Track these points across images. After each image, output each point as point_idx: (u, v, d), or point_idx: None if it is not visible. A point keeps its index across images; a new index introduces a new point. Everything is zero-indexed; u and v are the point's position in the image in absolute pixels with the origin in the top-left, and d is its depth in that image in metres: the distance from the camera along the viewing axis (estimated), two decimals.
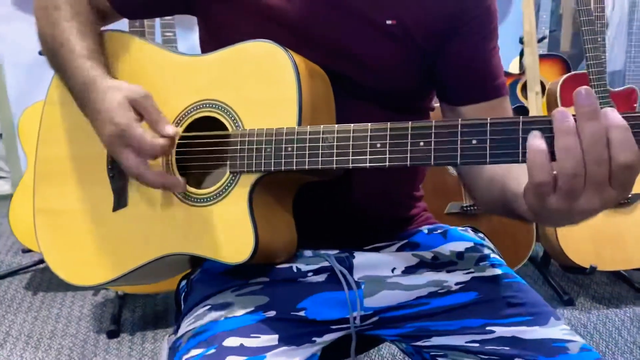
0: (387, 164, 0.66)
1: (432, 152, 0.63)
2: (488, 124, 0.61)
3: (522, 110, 2.30)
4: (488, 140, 0.61)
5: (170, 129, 0.74)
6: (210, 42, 0.84)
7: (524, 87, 2.44)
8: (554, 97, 2.20)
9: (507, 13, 3.22)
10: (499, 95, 0.85)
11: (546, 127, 0.58)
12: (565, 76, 2.20)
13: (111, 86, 0.76)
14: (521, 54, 2.51)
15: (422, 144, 0.64)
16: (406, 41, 0.80)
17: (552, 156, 0.57)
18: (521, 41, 2.39)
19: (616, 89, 2.18)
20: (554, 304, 2.02)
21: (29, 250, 2.27)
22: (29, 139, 2.04)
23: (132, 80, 0.82)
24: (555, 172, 0.57)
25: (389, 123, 0.66)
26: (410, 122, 0.65)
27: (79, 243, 0.84)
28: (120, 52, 0.85)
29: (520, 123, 0.60)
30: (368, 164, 0.67)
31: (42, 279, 2.22)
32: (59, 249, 0.86)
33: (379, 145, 0.66)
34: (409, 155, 0.65)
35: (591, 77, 1.92)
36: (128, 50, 0.84)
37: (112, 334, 1.83)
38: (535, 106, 2.32)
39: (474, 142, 0.61)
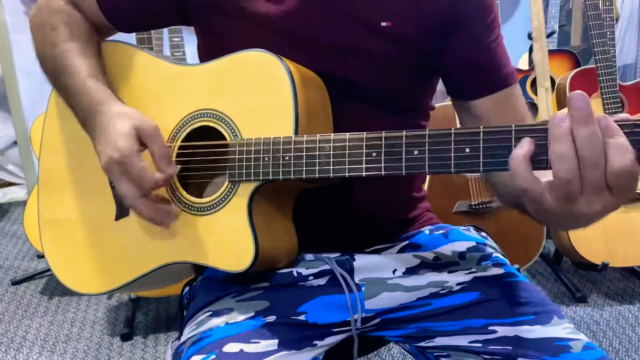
0: (382, 172, 0.67)
1: (427, 161, 0.64)
2: (481, 133, 0.62)
3: (531, 106, 2.28)
4: (481, 149, 0.61)
5: (171, 168, 0.75)
6: (208, 51, 0.85)
7: (534, 83, 2.42)
8: (563, 92, 2.19)
9: (515, 8, 3.20)
10: (508, 84, 0.83)
11: (539, 135, 0.59)
12: (574, 71, 2.18)
13: (121, 113, 0.76)
14: (530, 50, 2.50)
15: (416, 152, 0.65)
16: (402, 42, 0.80)
17: (543, 162, 0.58)
18: (530, 37, 2.38)
19: (627, 83, 2.16)
20: (566, 301, 2.01)
21: (44, 256, 2.30)
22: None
23: (129, 90, 0.83)
24: (550, 179, 0.57)
25: (383, 132, 0.67)
26: (404, 131, 0.65)
27: (83, 252, 0.86)
28: (117, 63, 0.86)
29: (513, 131, 0.60)
30: (364, 173, 0.68)
31: (58, 284, 2.24)
32: (63, 257, 0.88)
33: (374, 155, 0.67)
34: (404, 164, 0.65)
35: (600, 71, 1.90)
36: (125, 61, 0.85)
37: (125, 337, 1.86)
38: (545, 102, 2.31)
39: (467, 150, 0.62)
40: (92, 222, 0.85)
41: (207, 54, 0.85)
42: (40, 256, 2.37)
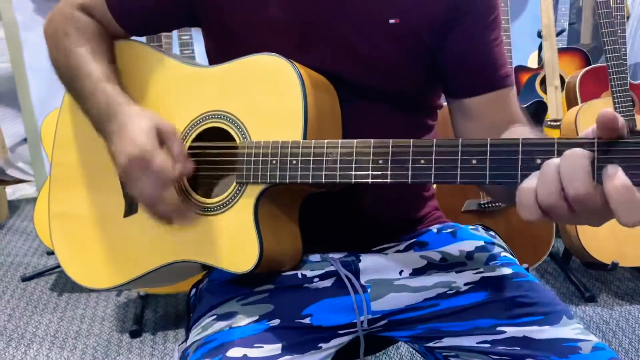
0: (388, 180, 0.67)
1: (433, 171, 0.64)
2: (488, 145, 0.61)
3: (540, 105, 2.27)
4: (488, 161, 0.61)
5: (190, 164, 0.75)
6: (217, 53, 0.85)
7: (543, 81, 2.41)
8: (573, 91, 2.18)
9: (524, 6, 3.18)
10: (504, 85, 0.84)
11: (546, 150, 0.58)
12: (584, 70, 2.18)
13: (139, 113, 0.77)
14: (540, 48, 2.48)
15: (423, 161, 0.65)
16: (410, 39, 0.80)
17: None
18: (539, 35, 2.36)
19: (638, 82, 2.15)
20: (575, 301, 2.00)
21: (54, 252, 2.32)
22: (51, 144, 2.07)
23: (141, 88, 0.83)
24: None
25: (390, 140, 0.67)
26: (411, 140, 0.65)
27: (91, 247, 0.87)
28: (129, 62, 0.86)
29: (520, 145, 0.60)
30: (370, 180, 0.68)
31: (67, 280, 2.26)
32: (71, 252, 0.89)
33: (381, 162, 0.67)
34: (410, 172, 0.65)
35: (610, 70, 1.88)
36: (138, 60, 0.86)
37: (134, 334, 1.87)
38: (555, 101, 2.29)
39: (474, 161, 0.62)
40: (101, 218, 0.86)
41: (216, 55, 0.85)
42: (50, 253, 2.39)
